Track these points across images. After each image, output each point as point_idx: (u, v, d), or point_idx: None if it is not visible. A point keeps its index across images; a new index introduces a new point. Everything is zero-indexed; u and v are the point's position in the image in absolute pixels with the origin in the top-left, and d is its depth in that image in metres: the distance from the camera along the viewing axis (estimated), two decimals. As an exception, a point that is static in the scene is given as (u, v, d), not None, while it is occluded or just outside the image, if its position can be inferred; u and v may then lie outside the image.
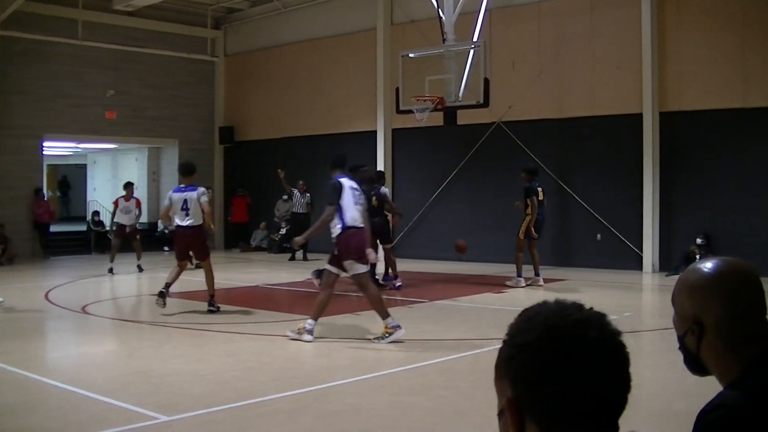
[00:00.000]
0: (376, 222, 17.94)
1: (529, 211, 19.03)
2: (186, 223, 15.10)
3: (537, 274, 19.48)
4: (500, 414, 1.88)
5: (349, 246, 11.80)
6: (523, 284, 18.61)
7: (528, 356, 1.80)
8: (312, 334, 11.82)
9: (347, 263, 11.83)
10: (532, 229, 19.08)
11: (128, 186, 23.13)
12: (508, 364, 1.84)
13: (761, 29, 20.45)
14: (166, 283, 15.02)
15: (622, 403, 1.84)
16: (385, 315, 11.80)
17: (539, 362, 1.78)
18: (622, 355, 1.85)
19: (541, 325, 1.82)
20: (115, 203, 22.76)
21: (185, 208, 15.07)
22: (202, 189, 15.40)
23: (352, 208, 12.02)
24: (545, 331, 1.80)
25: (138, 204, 23.15)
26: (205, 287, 15.24)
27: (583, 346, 1.79)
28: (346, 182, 12.25)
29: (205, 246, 15.79)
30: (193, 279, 18.38)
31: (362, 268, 11.93)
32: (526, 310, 1.89)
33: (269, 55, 31.61)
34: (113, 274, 21.54)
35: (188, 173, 15.84)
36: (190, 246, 15.57)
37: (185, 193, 15.23)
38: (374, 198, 18.64)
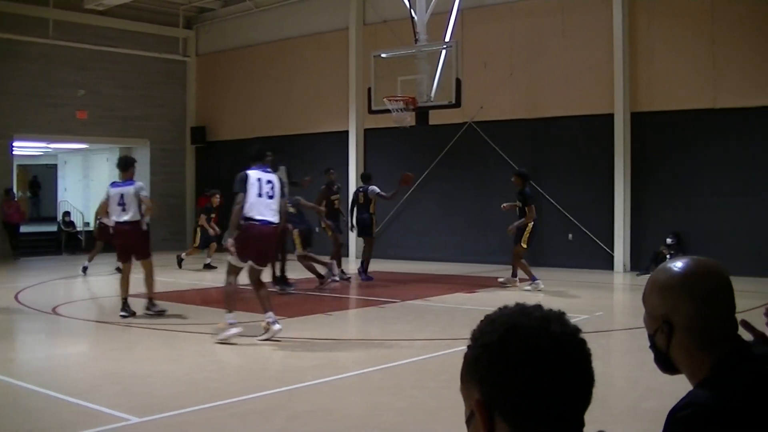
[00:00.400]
0: (361, 218, 20.49)
1: (528, 218, 18.23)
2: (123, 219, 14.42)
3: (515, 275, 19.05)
4: (468, 420, 1.91)
5: (242, 237, 11.74)
6: (542, 285, 18.11)
7: (493, 355, 1.84)
8: (235, 327, 11.69)
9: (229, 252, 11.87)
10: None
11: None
12: (474, 366, 1.88)
13: (731, 31, 20.60)
14: (123, 300, 14.53)
15: (587, 398, 1.87)
16: (232, 308, 11.83)
17: (504, 360, 1.82)
18: (584, 350, 1.89)
19: (504, 325, 1.87)
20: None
21: (122, 203, 14.38)
22: (140, 183, 14.79)
23: (254, 199, 11.87)
24: (508, 329, 1.85)
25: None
26: (177, 288, 15.14)
27: (546, 341, 1.83)
28: (255, 173, 12.01)
29: (145, 244, 14.90)
30: (166, 279, 18.35)
31: (234, 260, 11.94)
32: (488, 314, 1.93)
33: (241, 54, 31.55)
34: (85, 274, 21.37)
35: (125, 167, 15.02)
36: (128, 243, 14.69)
37: (122, 188, 14.50)
38: (362, 195, 20.37)
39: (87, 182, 34.72)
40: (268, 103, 30.26)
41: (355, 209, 20.96)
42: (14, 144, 28.90)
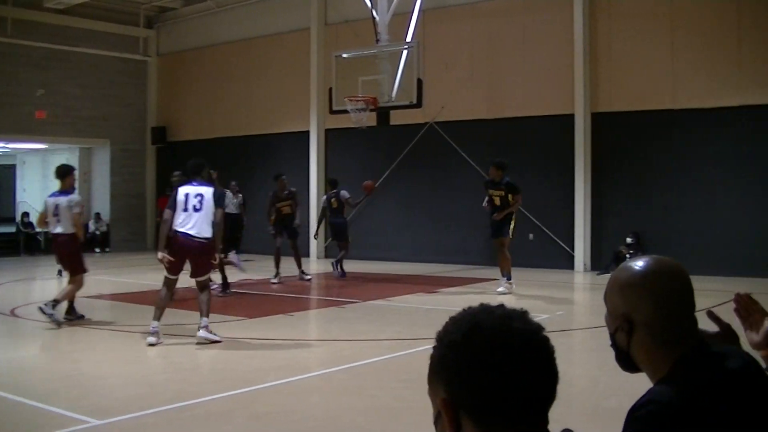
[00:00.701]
0: (336, 222, 21.24)
1: (515, 207, 17.66)
2: (56, 230, 13.98)
3: (508, 277, 17.90)
4: (436, 421, 1.93)
5: (171, 251, 11.96)
6: (514, 287, 17.87)
7: (458, 354, 1.86)
8: (154, 336, 11.62)
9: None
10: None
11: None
12: (439, 366, 1.90)
13: (690, 32, 20.78)
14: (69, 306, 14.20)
15: (551, 394, 1.90)
16: (156, 317, 11.85)
17: (469, 357, 1.84)
18: (547, 347, 1.91)
19: (468, 323, 1.89)
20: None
21: (56, 214, 13.89)
22: (74, 197, 14.14)
23: (179, 213, 12.00)
24: (472, 327, 1.88)
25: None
26: (133, 289, 15.02)
27: (510, 337, 1.85)
28: (183, 189, 12.23)
29: (75, 259, 14.15)
30: (125, 280, 18.25)
31: (166, 272, 12.04)
32: (452, 316, 1.95)
33: (202, 54, 31.42)
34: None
35: (62, 177, 14.29)
36: (61, 256, 14.31)
37: (56, 199, 14.00)
38: (334, 200, 20.84)
39: (46, 182, 34.35)
40: (230, 103, 30.17)
41: (325, 216, 21.68)
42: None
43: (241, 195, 26.64)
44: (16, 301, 16.77)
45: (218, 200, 12.22)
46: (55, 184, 14.45)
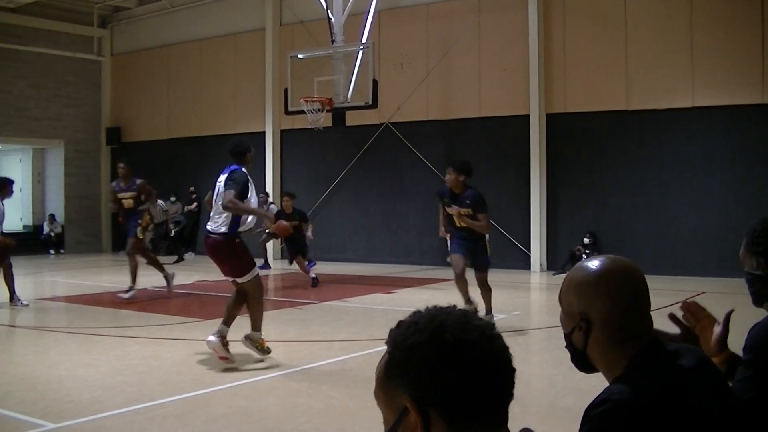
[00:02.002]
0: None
1: (483, 230, 13.19)
2: None
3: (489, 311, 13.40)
4: (394, 426, 1.94)
5: None
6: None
7: (426, 353, 1.90)
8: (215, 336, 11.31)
9: None
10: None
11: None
12: (403, 368, 1.93)
13: (642, 34, 20.98)
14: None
15: (512, 390, 1.95)
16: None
17: (438, 356, 1.88)
18: (503, 343, 1.98)
19: (430, 324, 1.93)
20: None
21: None
22: None
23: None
24: (437, 327, 1.91)
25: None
26: (92, 291, 14.97)
27: (473, 334, 1.91)
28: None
29: None
30: (83, 282, 18.12)
31: None
32: (402, 321, 2.00)
33: (157, 54, 31.26)
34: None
35: None
36: None
37: None
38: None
39: (-2, 184, 34.12)
40: (184, 103, 30.05)
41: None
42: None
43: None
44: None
45: (227, 183, 10.26)
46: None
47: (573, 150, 22.13)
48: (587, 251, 20.63)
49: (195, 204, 28.07)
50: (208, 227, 10.58)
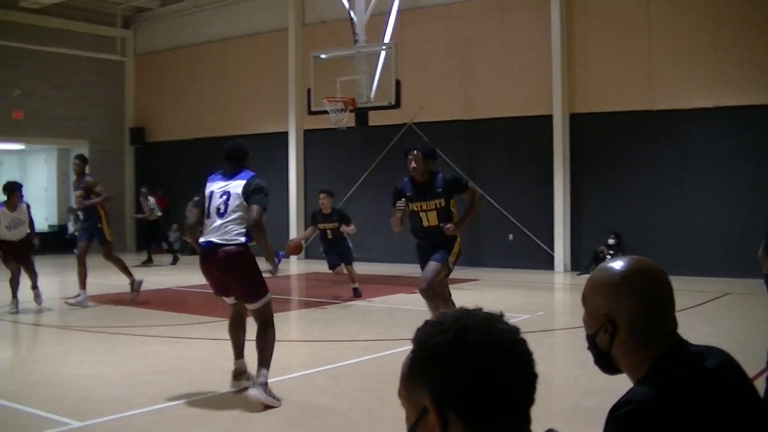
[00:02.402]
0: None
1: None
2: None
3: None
4: (414, 425, 1.96)
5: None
6: None
7: (447, 354, 1.90)
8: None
9: None
10: None
11: (12, 190, 15.97)
12: (425, 368, 1.93)
13: (666, 33, 20.86)
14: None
15: (533, 393, 1.95)
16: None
17: (459, 357, 1.88)
18: (527, 347, 1.97)
19: (454, 325, 1.93)
20: None
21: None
22: None
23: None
24: (460, 329, 1.91)
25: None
26: (117, 290, 14.99)
27: (496, 337, 1.91)
28: (209, 185, 9.95)
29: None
30: (104, 282, 18.19)
31: None
32: (428, 320, 2.01)
33: (180, 55, 31.34)
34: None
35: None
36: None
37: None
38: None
39: (24, 184, 34.24)
40: (207, 103, 30.09)
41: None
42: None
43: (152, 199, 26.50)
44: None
45: (253, 192, 8.76)
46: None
47: (596, 150, 22.03)
48: (611, 252, 20.54)
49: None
50: (213, 239, 8.61)
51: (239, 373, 9.18)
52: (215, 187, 9.07)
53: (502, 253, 23.24)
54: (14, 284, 15.43)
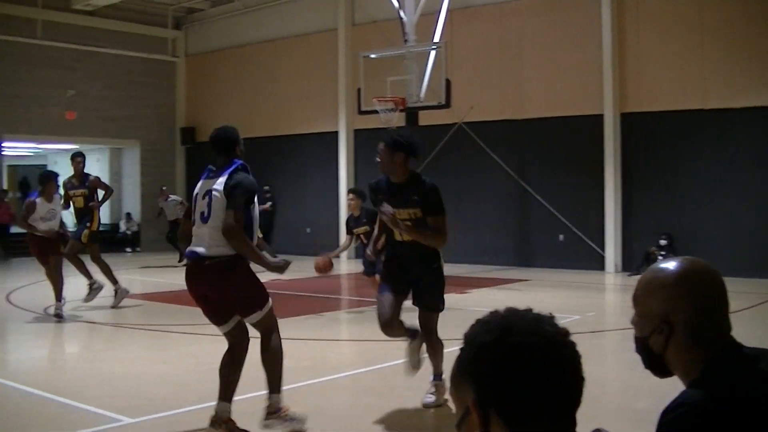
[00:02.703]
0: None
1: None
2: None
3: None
4: (460, 422, 1.96)
5: None
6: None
7: (490, 354, 1.90)
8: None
9: None
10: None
11: (48, 179, 15.17)
12: (469, 367, 1.94)
13: (719, 30, 20.62)
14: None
15: (579, 396, 1.94)
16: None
17: (501, 358, 1.88)
18: (574, 350, 1.96)
19: (500, 325, 1.94)
20: (30, 206, 14.90)
21: None
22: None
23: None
24: (504, 329, 1.92)
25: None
26: (166, 288, 15.09)
27: (541, 339, 1.90)
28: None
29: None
30: (155, 280, 18.32)
31: None
32: (479, 318, 2.00)
33: (230, 55, 31.52)
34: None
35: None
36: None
37: None
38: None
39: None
40: (257, 103, 30.21)
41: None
42: (3, 145, 28.90)
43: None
44: (49, 300, 16.81)
45: (232, 192, 7.36)
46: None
47: (648, 149, 21.83)
48: (662, 253, 20.34)
49: (269, 203, 28.17)
50: (198, 249, 7.32)
51: (218, 421, 7.39)
52: (200, 187, 7.69)
53: (553, 254, 23.12)
54: (59, 282, 14.60)
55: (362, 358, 11.06)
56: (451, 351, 10.49)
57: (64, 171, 36.40)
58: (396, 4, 21.15)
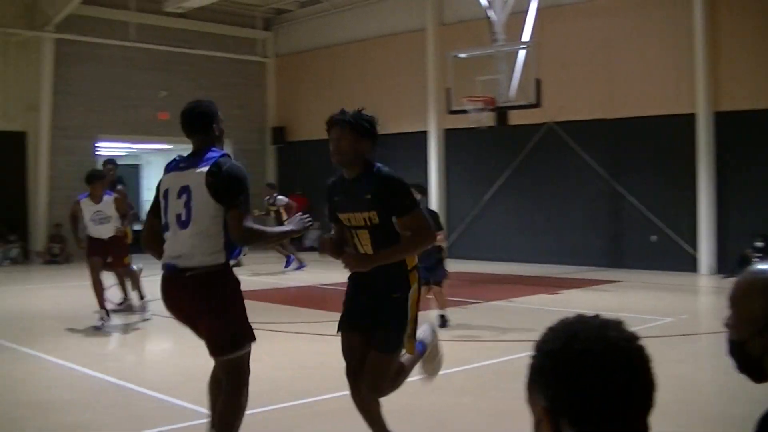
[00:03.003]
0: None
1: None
2: None
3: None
4: (536, 429, 1.98)
5: None
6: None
7: (556, 362, 1.92)
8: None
9: None
10: None
11: (93, 179, 14.21)
12: (538, 374, 1.96)
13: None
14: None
15: (648, 402, 1.93)
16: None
17: (567, 366, 1.89)
18: (642, 355, 1.95)
19: (565, 333, 1.95)
20: (74, 206, 14.35)
21: None
22: None
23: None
24: (570, 336, 1.93)
25: (120, 204, 14.43)
26: (260, 287, 15.20)
27: (606, 346, 1.90)
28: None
29: None
30: (254, 279, 18.46)
31: None
32: (551, 325, 2.03)
33: (319, 55, 31.71)
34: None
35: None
36: None
37: None
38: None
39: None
40: (346, 103, 29.56)
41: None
42: (98, 145, 29.44)
43: None
44: (150, 296, 17.04)
45: (222, 189, 5.89)
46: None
47: (743, 148, 21.39)
48: (758, 255, 19.92)
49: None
50: (176, 261, 5.93)
51: None
52: (171, 182, 6.10)
53: (644, 255, 22.79)
54: (98, 290, 13.67)
55: (453, 358, 10.98)
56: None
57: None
58: (484, 3, 21.06)
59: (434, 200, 26.80)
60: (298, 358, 10.87)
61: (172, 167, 6.24)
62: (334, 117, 6.39)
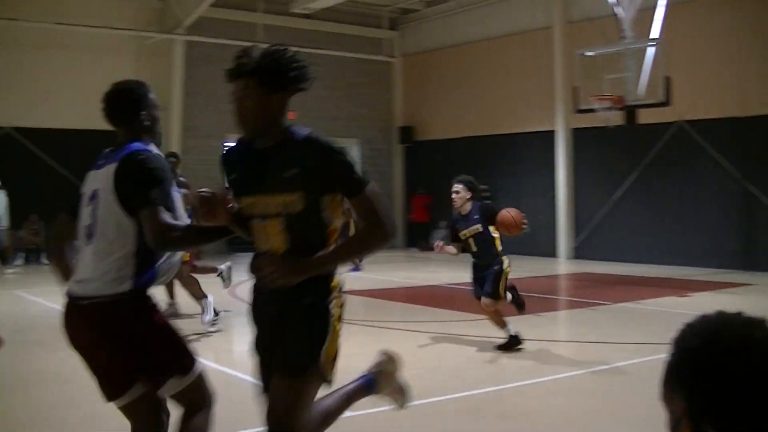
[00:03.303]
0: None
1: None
2: None
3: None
4: (674, 429, 1.92)
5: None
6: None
7: (696, 361, 1.84)
8: None
9: None
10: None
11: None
12: (677, 372, 1.89)
13: None
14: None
15: None
16: None
17: (708, 366, 1.81)
18: None
19: (706, 330, 1.87)
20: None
21: None
22: None
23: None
24: (711, 335, 1.85)
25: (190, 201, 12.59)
26: (387, 286, 15.27)
27: (751, 346, 1.81)
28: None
29: None
30: (378, 277, 18.59)
31: None
32: (689, 322, 1.94)
33: (445, 54, 31.71)
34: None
35: None
36: None
37: None
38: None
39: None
40: (473, 102, 30.27)
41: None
42: (226, 145, 29.99)
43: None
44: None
45: (139, 189, 4.53)
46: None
47: None
48: None
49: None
50: (75, 289, 4.65)
51: None
52: (87, 184, 4.86)
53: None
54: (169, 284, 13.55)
55: (580, 359, 10.89)
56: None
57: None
58: (612, 0, 20.81)
59: (561, 200, 26.59)
60: (423, 356, 10.89)
61: (92, 165, 4.86)
62: (235, 64, 4.70)
